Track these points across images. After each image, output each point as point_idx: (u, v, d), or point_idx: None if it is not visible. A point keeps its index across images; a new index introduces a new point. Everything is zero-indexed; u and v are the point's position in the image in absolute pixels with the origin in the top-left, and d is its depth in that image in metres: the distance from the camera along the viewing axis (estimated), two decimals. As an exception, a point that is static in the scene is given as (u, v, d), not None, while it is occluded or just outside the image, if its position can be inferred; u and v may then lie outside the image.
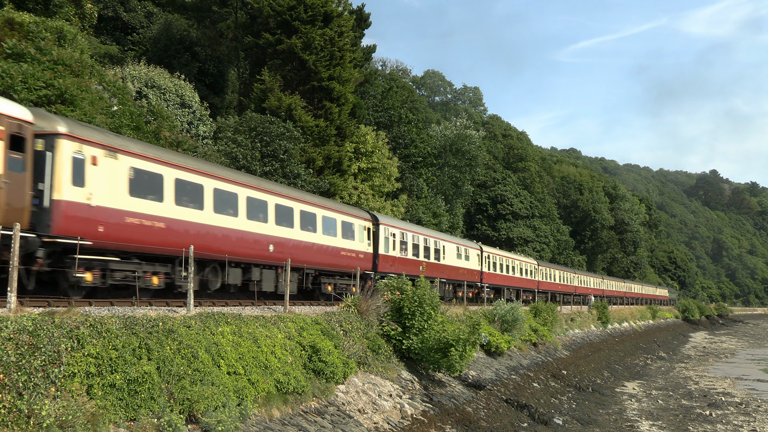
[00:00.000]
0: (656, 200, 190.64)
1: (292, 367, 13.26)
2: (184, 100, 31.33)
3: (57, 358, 8.60)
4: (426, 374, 19.46)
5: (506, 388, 22.67)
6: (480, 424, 17.26)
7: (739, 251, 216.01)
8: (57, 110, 18.88)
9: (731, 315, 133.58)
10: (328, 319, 16.61)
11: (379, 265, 27.80)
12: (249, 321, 13.41)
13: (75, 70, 22.19)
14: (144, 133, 24.35)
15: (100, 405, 8.78)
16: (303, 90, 35.62)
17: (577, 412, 22.73)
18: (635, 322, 68.17)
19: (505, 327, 28.59)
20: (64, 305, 12.36)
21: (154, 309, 14.08)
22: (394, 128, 47.81)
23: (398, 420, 15.06)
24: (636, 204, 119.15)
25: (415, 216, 45.89)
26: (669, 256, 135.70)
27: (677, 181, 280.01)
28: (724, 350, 57.86)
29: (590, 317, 52.41)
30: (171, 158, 17.00)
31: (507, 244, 71.37)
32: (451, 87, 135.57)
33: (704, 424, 22.38)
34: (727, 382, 34.82)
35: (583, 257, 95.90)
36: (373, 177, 40.73)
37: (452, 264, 36.35)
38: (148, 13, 43.60)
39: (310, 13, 35.11)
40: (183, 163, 17.23)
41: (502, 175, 78.54)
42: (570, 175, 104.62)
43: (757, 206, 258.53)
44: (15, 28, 21.74)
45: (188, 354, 10.76)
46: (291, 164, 30.62)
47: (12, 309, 10.04)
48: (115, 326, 9.91)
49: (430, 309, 19.15)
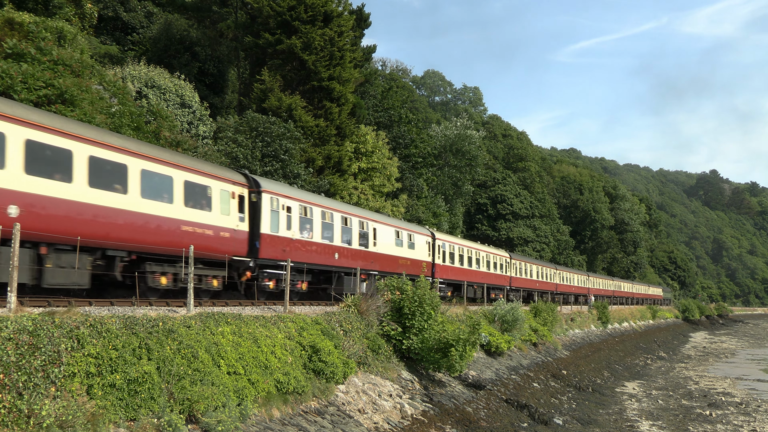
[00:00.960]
0: (656, 200, 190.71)
1: (292, 367, 13.26)
2: (184, 100, 31.34)
3: (57, 358, 8.60)
4: (426, 374, 19.46)
5: (506, 388, 22.67)
6: (480, 424, 17.26)
7: (739, 251, 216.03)
8: (57, 110, 18.88)
9: (731, 315, 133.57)
10: (328, 319, 16.61)
11: (261, 250, 20.01)
12: (249, 321, 13.41)
13: (75, 70, 22.19)
14: (144, 133, 24.35)
15: (100, 405, 8.78)
16: (303, 90, 35.63)
17: (577, 412, 22.73)
18: (635, 322, 68.17)
19: (505, 327, 28.59)
20: (64, 305, 12.35)
21: (154, 309, 14.08)
22: (394, 128, 47.83)
23: (398, 420, 15.06)
24: (636, 204, 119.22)
25: (415, 216, 45.86)
26: (669, 256, 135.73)
27: (677, 181, 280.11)
28: (724, 350, 57.85)
29: (590, 317, 52.41)
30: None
31: (507, 244, 71.38)
32: (451, 87, 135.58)
33: (704, 424, 22.38)
34: (727, 382, 34.82)
35: (583, 257, 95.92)
36: (373, 177, 40.74)
37: (389, 252, 29.01)
38: (148, 13, 43.61)
39: (310, 13, 35.13)
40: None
41: (502, 175, 78.55)
42: (570, 175, 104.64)
43: (757, 206, 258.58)
44: (15, 28, 21.75)
45: (188, 354, 10.77)
46: (291, 164, 30.62)
47: (12, 309, 10.04)
48: (115, 326, 9.91)
49: (430, 309, 19.16)
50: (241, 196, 19.59)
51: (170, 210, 16.55)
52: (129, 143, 16.08)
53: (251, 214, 19.95)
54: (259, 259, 19.96)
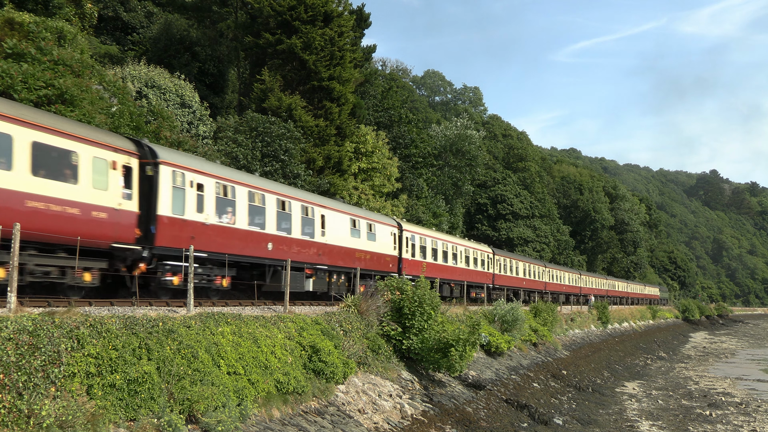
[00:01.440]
0: (656, 200, 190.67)
1: (292, 367, 13.27)
2: (184, 100, 31.34)
3: (57, 358, 8.60)
4: (426, 374, 19.47)
5: (506, 388, 22.67)
6: (480, 424, 17.27)
7: (739, 251, 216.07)
8: (57, 110, 18.89)
9: (731, 315, 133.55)
10: (328, 319, 16.62)
11: (158, 236, 16.13)
12: (249, 321, 13.41)
13: (75, 70, 22.19)
14: (144, 133, 24.35)
15: (100, 405, 8.78)
16: (303, 90, 35.64)
17: (577, 412, 22.73)
18: (635, 322, 68.18)
19: (505, 327, 28.60)
20: (64, 305, 12.35)
21: (154, 309, 14.08)
22: (394, 128, 47.85)
23: (398, 420, 15.06)
24: (636, 204, 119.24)
25: (415, 216, 45.87)
26: (669, 256, 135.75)
27: (677, 181, 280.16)
28: (724, 350, 57.86)
29: (590, 317, 52.41)
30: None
31: (507, 244, 71.40)
32: (451, 87, 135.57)
33: (704, 424, 22.38)
34: (727, 382, 34.82)
35: (583, 257, 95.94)
36: (373, 177, 40.75)
37: (342, 244, 25.11)
38: (148, 13, 43.61)
39: (310, 13, 35.14)
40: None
41: (502, 175, 78.55)
42: (570, 175, 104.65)
43: (757, 206, 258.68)
44: (15, 28, 21.74)
45: (188, 354, 10.77)
46: (291, 164, 30.61)
47: (12, 309, 10.04)
48: (115, 326, 9.91)
49: (430, 309, 19.17)
50: (127, 167, 15.63)
51: (6, 179, 12.57)
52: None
53: (144, 191, 16.03)
54: (155, 248, 16.05)
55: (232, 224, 18.77)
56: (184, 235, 16.88)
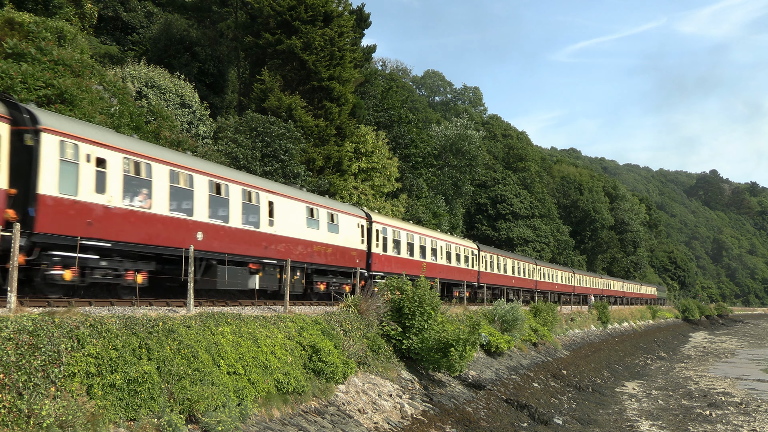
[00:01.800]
0: (656, 200, 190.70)
1: (292, 367, 13.27)
2: (184, 100, 31.36)
3: (57, 358, 8.60)
4: (426, 374, 19.47)
5: (506, 388, 22.67)
6: (480, 424, 17.27)
7: (739, 251, 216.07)
8: (57, 110, 18.90)
9: (731, 315, 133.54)
10: (328, 319, 16.62)
11: (39, 220, 13.30)
12: (249, 321, 13.42)
13: (75, 70, 22.21)
14: (144, 133, 24.36)
15: (100, 405, 8.78)
16: (303, 90, 35.64)
17: (577, 412, 22.73)
18: (635, 322, 68.18)
19: (505, 327, 28.60)
20: (64, 305, 12.36)
21: (154, 309, 14.09)
22: (394, 128, 47.86)
23: (398, 420, 15.07)
24: (636, 204, 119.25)
25: (415, 216, 45.88)
26: (669, 256, 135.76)
27: (677, 181, 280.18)
28: (724, 350, 57.86)
29: (590, 317, 52.42)
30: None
31: (507, 244, 71.41)
32: (451, 87, 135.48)
33: (704, 424, 22.38)
34: (727, 382, 34.82)
35: (583, 257, 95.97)
36: (373, 177, 40.75)
37: (295, 236, 22.08)
38: (148, 13, 43.62)
39: (310, 13, 35.14)
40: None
41: (502, 175, 78.56)
42: (570, 175, 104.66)
43: (757, 206, 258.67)
44: (15, 28, 21.77)
45: (188, 354, 10.77)
46: (291, 164, 30.61)
47: (12, 309, 10.04)
48: (115, 326, 9.91)
49: (430, 309, 19.17)
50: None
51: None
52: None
53: (18, 164, 13.18)
54: (35, 235, 13.24)
55: (147, 209, 15.87)
56: (78, 220, 14.03)
